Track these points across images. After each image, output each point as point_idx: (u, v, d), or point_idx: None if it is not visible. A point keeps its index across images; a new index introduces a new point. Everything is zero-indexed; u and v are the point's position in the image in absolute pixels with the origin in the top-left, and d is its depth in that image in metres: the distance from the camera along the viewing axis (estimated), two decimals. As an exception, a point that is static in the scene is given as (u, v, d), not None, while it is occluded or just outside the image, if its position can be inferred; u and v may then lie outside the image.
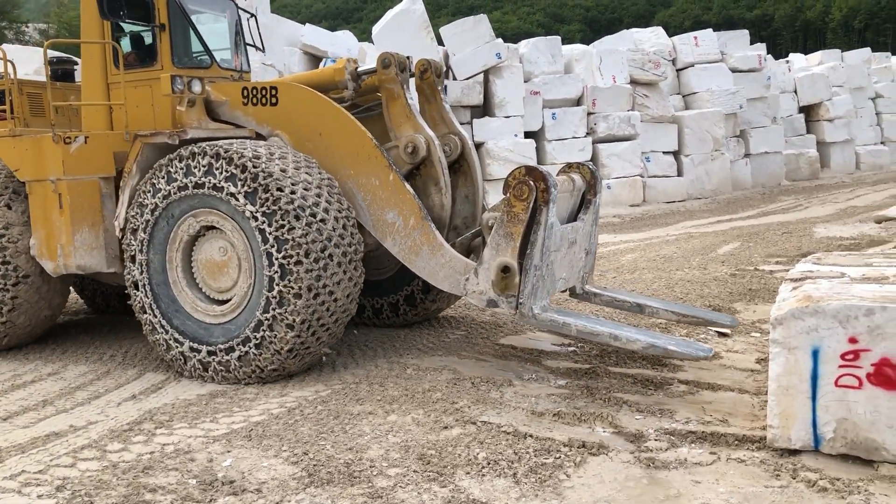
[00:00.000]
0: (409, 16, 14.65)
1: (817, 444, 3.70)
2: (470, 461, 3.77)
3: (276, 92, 5.73)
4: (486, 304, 4.92)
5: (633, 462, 3.74)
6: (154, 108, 5.96)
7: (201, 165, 5.10)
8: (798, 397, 3.71)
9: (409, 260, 5.31)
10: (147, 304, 5.44)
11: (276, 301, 4.94)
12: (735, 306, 6.88)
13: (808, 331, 3.67)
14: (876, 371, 3.56)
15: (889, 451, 3.55)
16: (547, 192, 4.70)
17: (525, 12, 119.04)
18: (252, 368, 5.10)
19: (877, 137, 23.58)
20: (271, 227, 4.91)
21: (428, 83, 6.04)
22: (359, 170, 5.45)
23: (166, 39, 5.86)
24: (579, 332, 4.70)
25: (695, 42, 18.56)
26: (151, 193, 5.33)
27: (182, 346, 5.32)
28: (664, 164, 16.81)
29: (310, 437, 4.14)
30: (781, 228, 11.86)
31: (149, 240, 5.39)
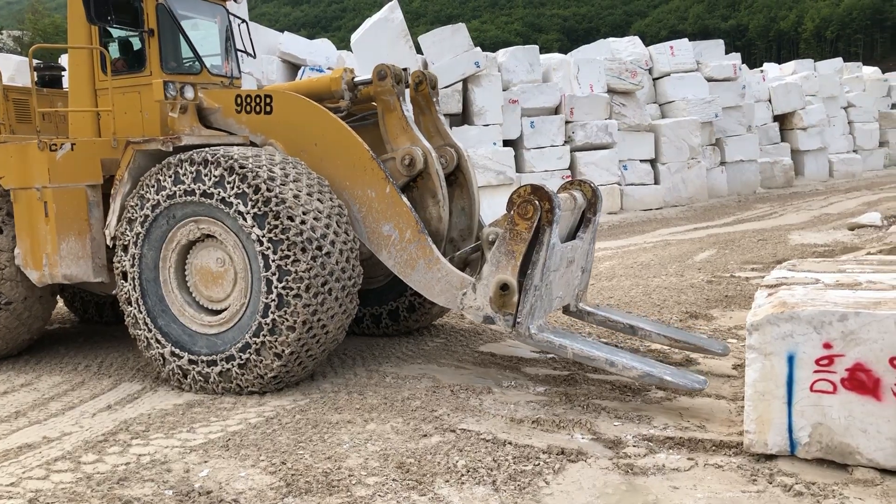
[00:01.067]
0: (388, 24, 14.67)
1: (793, 449, 3.73)
2: (449, 469, 3.76)
3: (271, 100, 5.67)
4: (483, 320, 4.88)
5: (612, 468, 3.75)
6: (143, 115, 5.88)
7: (213, 175, 4.98)
8: (774, 402, 3.75)
9: (404, 273, 5.25)
10: (134, 297, 5.35)
11: (268, 328, 4.88)
12: (711, 312, 6.94)
13: (783, 336, 3.71)
14: (850, 376, 3.60)
15: (863, 454, 3.59)
16: (551, 212, 4.67)
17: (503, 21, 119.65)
18: (232, 385, 5.06)
19: (849, 146, 23.96)
20: (276, 254, 4.82)
21: (423, 95, 6.02)
22: (354, 181, 5.38)
23: (155, 45, 5.79)
24: (575, 355, 4.67)
25: (671, 52, 18.77)
26: (156, 189, 5.20)
27: (163, 348, 5.26)
28: (641, 173, 16.95)
29: (288, 447, 4.11)
30: (757, 235, 11.99)
31: (145, 234, 5.27)
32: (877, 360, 3.53)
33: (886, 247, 9.57)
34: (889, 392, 3.52)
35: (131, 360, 6.11)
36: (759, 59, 63.49)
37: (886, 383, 3.52)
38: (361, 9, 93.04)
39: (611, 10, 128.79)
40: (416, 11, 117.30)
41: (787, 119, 21.74)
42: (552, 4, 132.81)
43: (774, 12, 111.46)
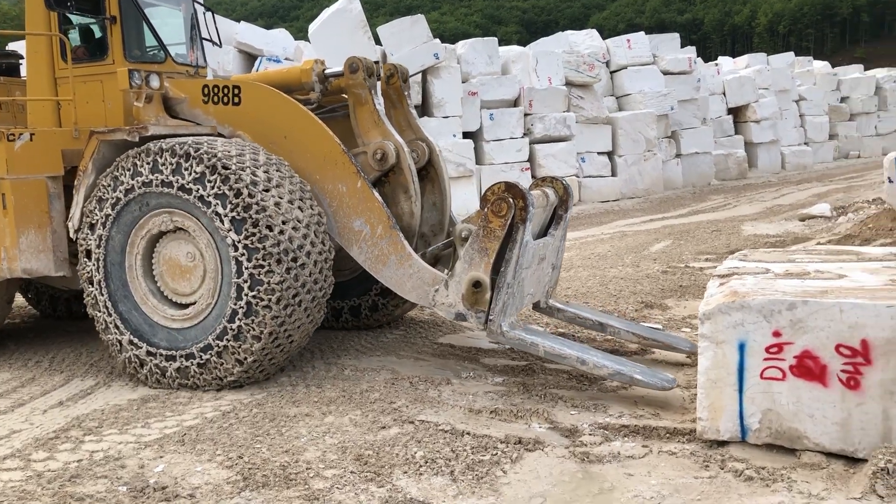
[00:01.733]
0: (346, 15, 14.56)
1: (744, 435, 3.82)
2: (407, 460, 3.77)
3: (239, 91, 5.53)
4: (455, 317, 4.87)
5: (568, 457, 3.80)
6: (105, 104, 5.71)
7: (194, 171, 4.83)
8: (726, 390, 3.83)
9: (375, 269, 5.20)
10: (96, 278, 5.22)
11: (233, 334, 4.81)
12: (666, 302, 7.06)
13: (734, 325, 3.78)
14: (798, 363, 3.69)
15: (810, 439, 3.69)
16: (525, 210, 4.68)
17: (463, 13, 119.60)
18: (188, 383, 5.00)
19: (801, 138, 24.50)
20: (250, 262, 4.73)
21: (394, 88, 5.95)
22: (325, 175, 5.30)
23: (118, 32, 5.62)
24: (547, 353, 4.68)
25: (627, 45, 18.97)
26: (131, 174, 5.03)
27: (122, 335, 5.16)
28: (599, 165, 17.13)
29: (245, 441, 4.08)
30: (711, 227, 12.21)
31: (115, 217, 5.13)
32: (823, 348, 3.62)
33: (835, 237, 9.83)
34: (835, 378, 3.61)
35: (84, 356, 6.00)
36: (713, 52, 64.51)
37: (832, 370, 3.61)
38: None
39: (569, 2, 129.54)
40: (375, 2, 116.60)
41: (741, 112, 22.14)
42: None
43: (729, 7, 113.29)
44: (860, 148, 27.06)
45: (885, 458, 3.28)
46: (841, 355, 3.59)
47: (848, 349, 3.58)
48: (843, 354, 3.59)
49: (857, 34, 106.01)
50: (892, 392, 3.52)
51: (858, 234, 9.30)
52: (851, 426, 3.60)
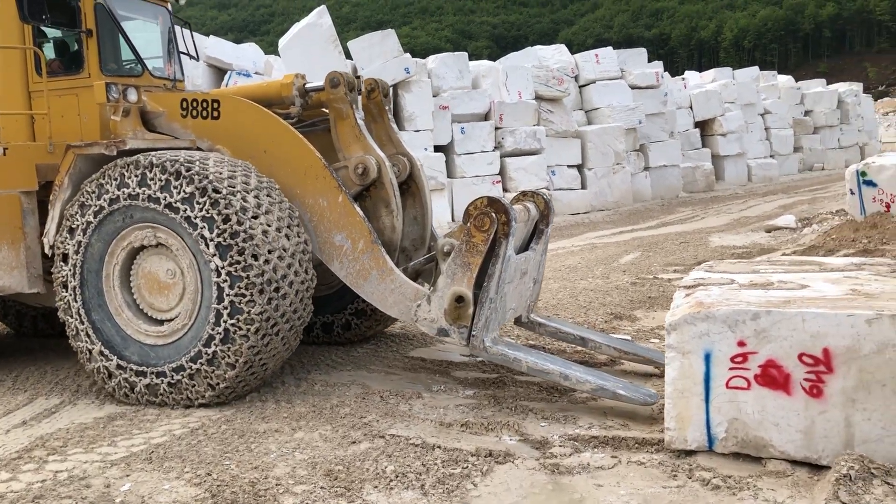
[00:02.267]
0: (316, 29, 14.59)
1: (711, 444, 3.86)
2: (378, 475, 3.76)
3: (219, 105, 5.45)
4: (437, 332, 4.83)
5: (539, 468, 3.81)
6: (81, 118, 5.62)
7: (183, 190, 4.73)
8: (692, 400, 3.87)
9: (356, 284, 5.13)
10: (71, 284, 5.12)
11: (207, 359, 4.76)
12: (635, 313, 7.12)
13: (700, 335, 3.83)
14: (762, 372, 3.75)
15: (776, 447, 3.74)
16: (508, 225, 4.67)
17: (434, 28, 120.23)
18: (157, 400, 4.94)
19: (766, 151, 24.95)
20: (232, 290, 4.66)
21: (375, 102, 5.92)
22: (306, 190, 5.24)
23: (94, 45, 5.55)
24: (530, 368, 4.67)
25: (596, 60, 19.21)
26: (118, 185, 4.92)
27: (93, 344, 5.07)
28: (569, 178, 17.28)
29: (213, 458, 4.04)
30: (679, 238, 12.36)
31: (97, 225, 5.02)
32: (787, 357, 3.68)
33: (800, 248, 10.01)
34: (798, 387, 3.67)
35: (49, 374, 5.90)
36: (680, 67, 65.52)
37: (796, 378, 3.67)
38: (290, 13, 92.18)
39: (539, 18, 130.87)
40: (346, 17, 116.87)
41: (708, 125, 22.50)
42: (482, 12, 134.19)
43: (695, 22, 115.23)
44: (824, 160, 27.61)
45: (848, 465, 3.34)
46: (804, 364, 3.65)
47: (810, 358, 3.64)
48: (806, 363, 3.65)
49: (819, 49, 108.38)
50: (853, 400, 3.59)
51: (822, 245, 9.47)
52: (815, 434, 3.66)
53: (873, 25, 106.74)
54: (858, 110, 29.71)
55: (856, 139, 29.15)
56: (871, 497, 3.19)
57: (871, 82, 76.49)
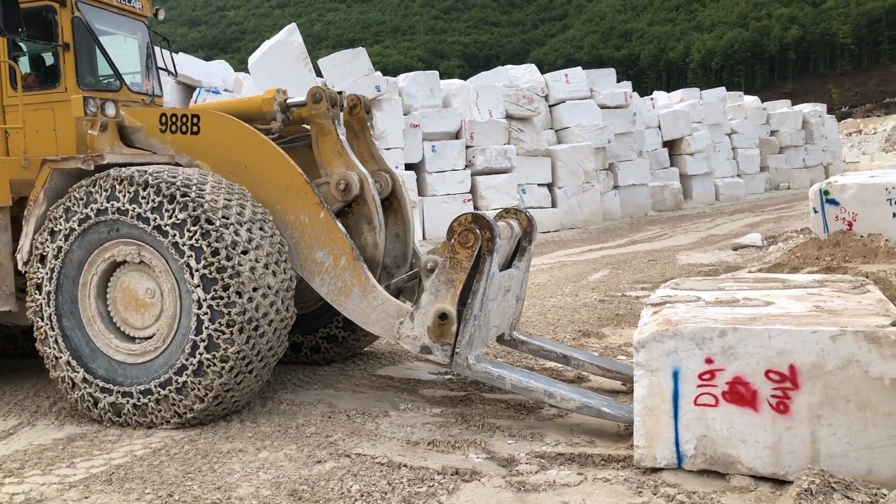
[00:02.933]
0: (287, 47, 14.58)
1: (680, 462, 3.87)
2: (343, 494, 3.72)
3: (199, 120, 5.38)
4: (420, 350, 4.79)
5: (505, 486, 3.80)
6: (57, 133, 5.52)
7: (176, 217, 4.65)
8: (661, 417, 3.88)
9: (338, 301, 5.07)
10: (46, 288, 5.01)
11: (177, 387, 4.69)
12: (603, 331, 7.16)
13: (668, 353, 3.85)
14: (730, 389, 3.77)
15: (743, 464, 3.76)
16: (492, 241, 4.66)
17: (405, 47, 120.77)
18: (119, 420, 4.85)
19: (733, 170, 25.33)
20: (212, 323, 4.59)
21: (357, 118, 5.88)
22: (287, 206, 5.18)
23: (70, 60, 5.48)
24: (514, 386, 4.62)
25: (566, 79, 19.40)
26: (107, 197, 4.83)
27: (61, 353, 4.97)
28: (539, 196, 17.38)
29: (176, 479, 3.97)
30: (647, 256, 12.47)
31: (80, 234, 4.92)
32: (754, 373, 3.71)
33: (766, 265, 10.14)
34: (765, 403, 3.70)
35: (7, 395, 5.77)
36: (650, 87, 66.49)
37: (763, 395, 3.70)
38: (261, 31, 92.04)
39: (510, 38, 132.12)
40: (318, 35, 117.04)
41: (676, 145, 22.81)
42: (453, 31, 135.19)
43: (664, 43, 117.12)
44: (790, 179, 28.09)
45: (809, 480, 3.37)
46: (770, 380, 3.69)
47: (777, 374, 3.68)
48: (773, 380, 3.68)
49: (784, 70, 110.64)
50: (819, 415, 3.63)
51: (787, 263, 9.61)
52: (782, 450, 3.69)
53: (836, 48, 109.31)
54: (822, 130, 30.32)
55: (820, 159, 29.72)
56: (832, 511, 3.22)
57: (834, 103, 78.18)
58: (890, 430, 3.55)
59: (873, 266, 8.36)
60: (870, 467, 3.58)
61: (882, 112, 73.16)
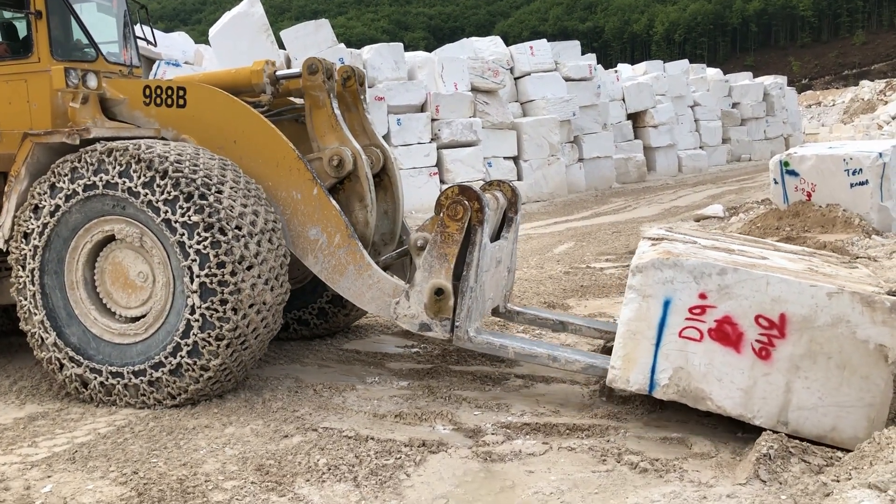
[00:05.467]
0: (248, 19, 14.31)
1: (651, 389, 3.94)
2: (310, 468, 3.73)
3: (185, 93, 5.19)
4: (419, 328, 4.72)
5: (472, 457, 3.84)
6: (31, 106, 5.28)
7: (189, 216, 4.47)
8: (643, 343, 3.95)
9: (332, 280, 4.97)
10: (31, 266, 4.84)
11: (168, 372, 4.61)
12: (568, 302, 7.22)
13: (664, 281, 3.90)
14: (717, 327, 3.83)
15: (714, 401, 3.83)
16: (481, 211, 4.62)
17: (370, 19, 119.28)
18: (103, 398, 4.75)
19: (696, 142, 25.54)
20: (203, 303, 4.48)
21: (351, 91, 5.72)
22: (278, 182, 5.03)
23: (43, 28, 5.21)
24: (517, 354, 4.62)
25: (531, 52, 19.33)
26: (94, 170, 4.64)
27: (48, 333, 4.83)
28: (505, 169, 17.38)
29: (140, 456, 3.94)
30: (612, 228, 12.58)
31: (69, 209, 4.73)
32: (744, 316, 3.78)
33: (727, 236, 10.30)
34: (749, 346, 3.78)
35: (-34, 374, 5.66)
36: (613, 59, 66.57)
37: (748, 338, 3.78)
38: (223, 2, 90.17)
39: (475, 9, 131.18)
40: (280, 6, 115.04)
41: (640, 117, 22.92)
42: (418, 3, 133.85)
43: (628, 15, 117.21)
44: (751, 151, 28.42)
45: (768, 445, 3.46)
46: (759, 326, 3.76)
47: (766, 321, 3.75)
48: (761, 325, 3.76)
49: (746, 43, 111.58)
50: (798, 367, 3.71)
51: (748, 233, 9.76)
52: (755, 394, 3.77)
53: (797, 21, 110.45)
54: (783, 103, 30.66)
55: (781, 131, 30.09)
56: (789, 475, 3.31)
57: (794, 76, 79.15)
58: (862, 393, 3.65)
59: (831, 236, 8.54)
60: (835, 424, 3.68)
61: (840, 84, 74.31)
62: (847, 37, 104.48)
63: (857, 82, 60.04)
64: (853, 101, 48.16)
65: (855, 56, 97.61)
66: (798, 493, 3.13)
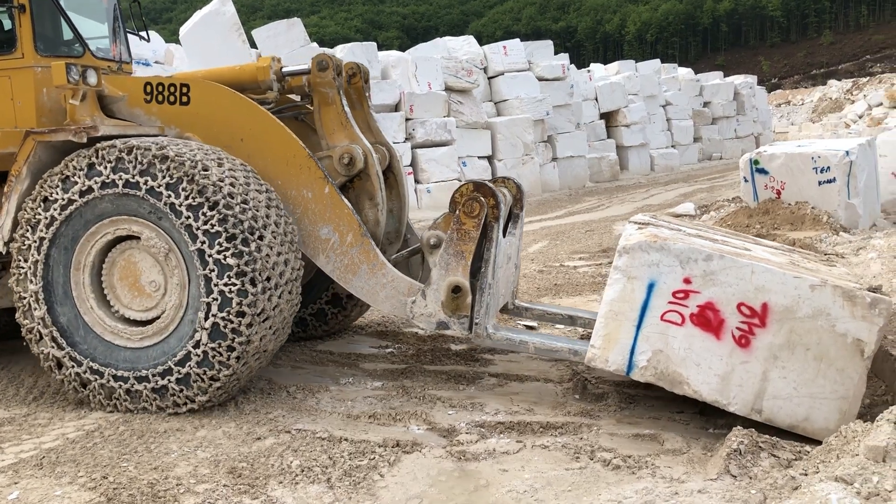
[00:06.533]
0: (219, 18, 14.18)
1: (629, 370, 3.97)
2: (283, 470, 3.71)
3: (188, 90, 5.04)
4: (436, 326, 4.66)
5: (446, 456, 3.84)
6: (14, 103, 5.11)
7: (212, 223, 4.33)
8: (625, 324, 3.97)
9: (345, 279, 4.88)
10: (33, 257, 4.65)
11: (177, 377, 4.48)
12: (542, 300, 7.25)
13: (650, 264, 3.93)
14: (699, 312, 3.87)
15: (690, 385, 3.87)
16: (497, 208, 4.60)
17: (343, 18, 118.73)
18: (105, 402, 4.61)
19: (668, 141, 25.79)
20: (212, 343, 4.37)
21: (356, 88, 5.62)
22: (288, 181, 4.91)
23: (27, 22, 5.05)
24: (537, 349, 4.58)
25: (504, 51, 19.40)
26: (112, 168, 4.46)
27: (48, 330, 4.66)
28: (479, 169, 17.42)
29: (110, 460, 3.88)
30: (585, 227, 12.65)
31: (83, 205, 4.55)
32: (727, 303, 3.82)
33: (698, 234, 10.39)
34: (729, 334, 3.82)
35: (-69, 380, 5.55)
36: (586, 59, 66.97)
37: (729, 325, 3.82)
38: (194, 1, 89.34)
39: (448, 9, 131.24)
40: (252, 5, 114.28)
41: (612, 116, 23.10)
42: (392, 2, 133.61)
43: (600, 15, 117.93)
44: (722, 150, 28.76)
45: (738, 440, 3.49)
46: (741, 314, 3.80)
47: (748, 309, 3.79)
48: (743, 313, 3.80)
49: (717, 43, 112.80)
50: (776, 357, 3.75)
51: (719, 231, 9.87)
52: (731, 381, 3.82)
53: (766, 21, 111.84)
54: (753, 102, 31.09)
55: (751, 129, 30.50)
56: (759, 469, 3.35)
57: (764, 75, 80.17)
58: (836, 385, 3.71)
59: (800, 233, 8.65)
60: (808, 415, 3.74)
61: (809, 83, 75.39)
62: (815, 37, 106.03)
63: (825, 82, 60.98)
64: (821, 100, 48.91)
65: (823, 56, 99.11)
66: (767, 487, 3.17)
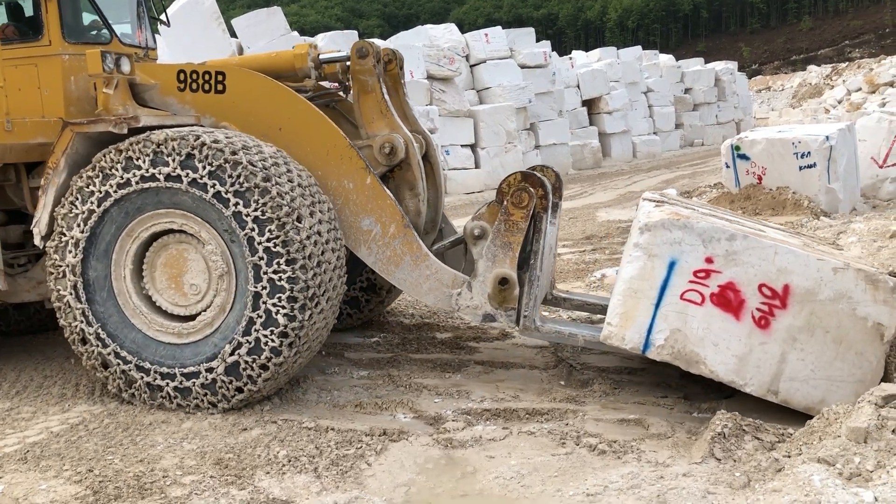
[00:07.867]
0: (198, 7, 14.07)
1: (646, 348, 3.97)
2: (270, 461, 3.71)
3: (224, 78, 4.90)
4: (482, 319, 4.61)
5: (432, 444, 3.85)
6: (41, 92, 4.99)
7: (249, 186, 4.18)
8: (643, 302, 3.95)
9: (387, 271, 4.80)
10: (74, 242, 4.50)
11: (206, 382, 4.37)
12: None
13: (671, 242, 3.90)
14: (720, 292, 3.86)
15: (707, 365, 3.88)
16: (546, 198, 4.57)
17: (323, 6, 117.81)
18: (149, 400, 4.47)
19: (650, 128, 25.89)
20: (247, 356, 4.28)
21: (392, 75, 5.49)
22: (328, 171, 4.80)
23: (53, 9, 4.92)
24: (587, 341, 4.47)
25: (486, 39, 19.34)
26: (204, 166, 4.26)
27: (89, 324, 4.51)
28: (462, 157, 17.40)
29: (95, 453, 3.87)
30: (568, 214, 12.67)
31: (123, 196, 4.38)
32: (748, 283, 3.81)
33: (681, 220, 10.44)
34: (749, 314, 3.82)
35: (-89, 375, 5.49)
36: (568, 46, 66.93)
37: (749, 306, 3.82)
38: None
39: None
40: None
41: (594, 104, 23.13)
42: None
43: (582, 2, 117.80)
44: (703, 136, 28.90)
45: (722, 424, 3.53)
46: (761, 295, 3.80)
47: (770, 290, 3.79)
48: (764, 294, 3.80)
49: (697, 29, 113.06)
50: (795, 339, 3.77)
51: (701, 217, 9.94)
52: (749, 361, 3.83)
53: (746, 7, 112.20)
54: (734, 88, 31.22)
55: (732, 115, 30.65)
56: (743, 452, 3.39)
57: (745, 61, 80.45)
58: (854, 368, 3.73)
59: (781, 218, 8.73)
60: (824, 397, 3.75)
61: (789, 69, 75.77)
62: (795, 23, 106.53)
63: (805, 67, 61.32)
64: (801, 85, 49.23)
65: (802, 42, 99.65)
66: (751, 470, 3.21)
